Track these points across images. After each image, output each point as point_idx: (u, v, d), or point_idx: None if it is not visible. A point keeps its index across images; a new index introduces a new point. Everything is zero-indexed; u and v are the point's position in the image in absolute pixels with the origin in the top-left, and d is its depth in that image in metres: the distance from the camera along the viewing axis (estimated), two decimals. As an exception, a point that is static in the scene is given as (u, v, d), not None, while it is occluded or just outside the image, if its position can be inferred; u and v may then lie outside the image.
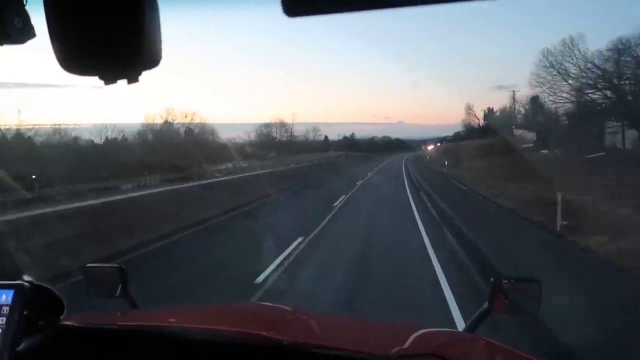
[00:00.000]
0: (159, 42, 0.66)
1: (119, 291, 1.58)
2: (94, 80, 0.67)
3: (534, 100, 34.77)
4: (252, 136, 57.12)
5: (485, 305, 1.54)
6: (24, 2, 0.68)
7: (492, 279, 1.53)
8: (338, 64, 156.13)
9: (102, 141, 37.22)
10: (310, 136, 77.31)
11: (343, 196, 17.71)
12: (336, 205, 15.23)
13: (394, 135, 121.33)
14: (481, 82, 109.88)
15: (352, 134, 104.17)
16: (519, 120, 50.52)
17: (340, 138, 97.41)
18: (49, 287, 1.14)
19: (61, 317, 1.16)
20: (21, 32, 0.69)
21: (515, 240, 9.26)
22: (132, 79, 0.67)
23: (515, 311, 1.56)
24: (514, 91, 43.32)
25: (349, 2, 0.60)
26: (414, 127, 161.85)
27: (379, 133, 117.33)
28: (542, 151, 26.81)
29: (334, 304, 5.40)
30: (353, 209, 14.83)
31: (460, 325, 4.47)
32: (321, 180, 26.53)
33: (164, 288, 6.05)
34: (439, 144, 79.57)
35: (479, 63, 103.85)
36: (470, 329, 1.60)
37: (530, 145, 32.49)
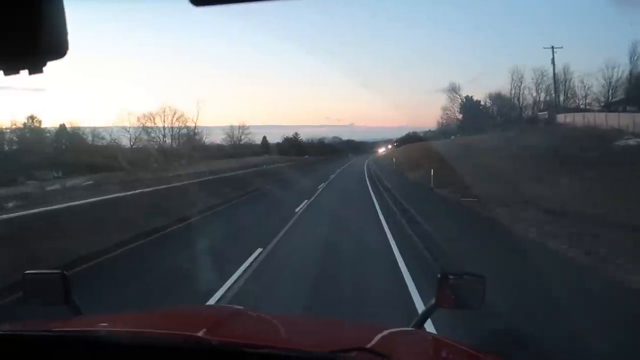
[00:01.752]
0: (64, 32, 0.62)
1: (61, 298, 1.53)
2: None
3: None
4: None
5: (433, 300, 1.58)
6: None
7: (439, 275, 1.58)
8: (283, 66, 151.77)
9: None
10: (235, 137, 66.76)
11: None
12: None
13: (345, 137, 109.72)
14: (427, 85, 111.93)
15: (296, 133, 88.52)
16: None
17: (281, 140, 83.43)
18: None
19: None
20: None
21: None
22: (35, 69, 0.63)
23: (460, 305, 1.60)
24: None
25: None
26: (364, 129, 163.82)
27: (329, 135, 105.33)
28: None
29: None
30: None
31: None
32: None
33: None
34: (395, 144, 78.87)
35: (425, 66, 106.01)
36: (418, 324, 1.64)
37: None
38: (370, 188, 22.07)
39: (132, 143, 49.22)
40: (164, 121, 53.85)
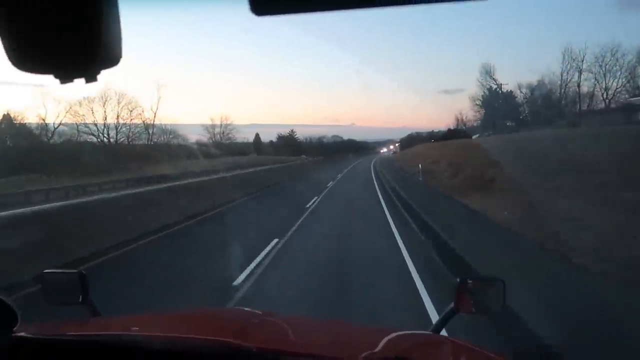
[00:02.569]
0: (119, 40, 0.62)
1: (79, 298, 1.53)
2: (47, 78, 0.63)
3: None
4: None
5: (452, 305, 1.57)
6: None
7: (458, 280, 1.56)
8: (288, 66, 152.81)
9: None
10: (216, 134, 59.34)
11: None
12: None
13: (345, 137, 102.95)
14: (427, 86, 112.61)
15: (292, 131, 79.70)
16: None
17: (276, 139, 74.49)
18: (1, 297, 1.07)
19: (14, 329, 1.10)
20: None
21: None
22: (91, 78, 0.64)
23: (480, 310, 1.59)
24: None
25: (316, 2, 0.59)
26: (366, 129, 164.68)
27: (328, 134, 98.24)
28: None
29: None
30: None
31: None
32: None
33: None
34: (398, 144, 77.47)
35: (425, 68, 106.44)
36: (437, 329, 1.63)
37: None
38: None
39: (49, 138, 41.07)
40: (105, 114, 45.07)
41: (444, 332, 1.71)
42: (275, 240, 8.54)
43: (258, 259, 7.13)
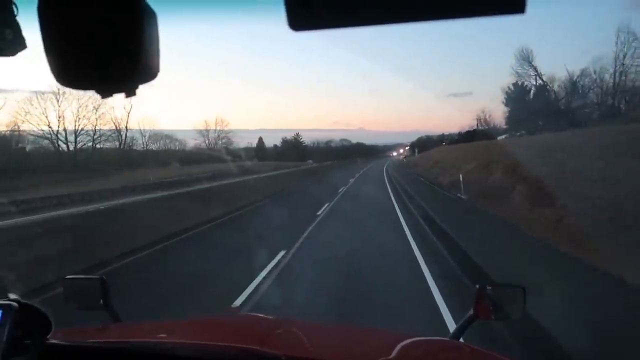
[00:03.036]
0: (158, 55, 0.65)
1: (100, 303, 1.55)
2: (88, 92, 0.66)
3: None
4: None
5: (471, 311, 1.55)
6: (15, 13, 0.67)
7: (477, 286, 1.55)
8: (296, 71, 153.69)
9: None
10: (210, 139, 56.54)
11: None
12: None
13: (354, 140, 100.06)
14: (435, 89, 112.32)
15: (297, 134, 76.34)
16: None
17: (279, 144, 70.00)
18: (36, 305, 1.11)
19: (48, 336, 1.13)
20: (12, 44, 0.67)
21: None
22: (130, 92, 0.66)
23: (500, 317, 1.57)
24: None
25: (353, 17, 0.61)
26: (374, 133, 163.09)
27: (336, 138, 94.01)
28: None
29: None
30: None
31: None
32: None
33: None
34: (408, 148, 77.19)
35: (433, 71, 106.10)
36: (456, 335, 1.62)
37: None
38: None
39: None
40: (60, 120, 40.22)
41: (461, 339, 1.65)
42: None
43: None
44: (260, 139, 71.63)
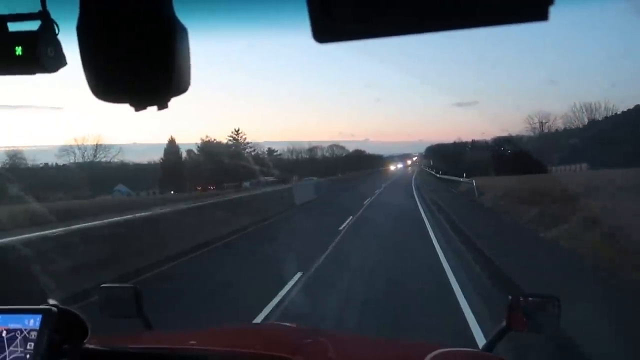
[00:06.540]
0: (189, 68, 0.67)
1: (133, 311, 1.59)
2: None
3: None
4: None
5: (503, 323, 1.50)
6: (56, 32, 0.71)
7: (510, 297, 1.50)
8: (300, 83, 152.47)
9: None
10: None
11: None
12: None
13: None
14: (441, 99, 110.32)
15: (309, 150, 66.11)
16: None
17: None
18: (74, 311, 1.15)
19: (85, 341, 1.16)
20: (53, 61, 0.71)
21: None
22: (162, 105, 0.69)
23: (534, 329, 1.51)
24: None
25: (378, 28, 0.61)
26: (380, 144, 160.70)
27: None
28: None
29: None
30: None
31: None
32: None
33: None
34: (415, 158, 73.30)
35: (439, 81, 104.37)
36: (488, 348, 1.57)
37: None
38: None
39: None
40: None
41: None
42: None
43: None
44: (269, 150, 69.25)
